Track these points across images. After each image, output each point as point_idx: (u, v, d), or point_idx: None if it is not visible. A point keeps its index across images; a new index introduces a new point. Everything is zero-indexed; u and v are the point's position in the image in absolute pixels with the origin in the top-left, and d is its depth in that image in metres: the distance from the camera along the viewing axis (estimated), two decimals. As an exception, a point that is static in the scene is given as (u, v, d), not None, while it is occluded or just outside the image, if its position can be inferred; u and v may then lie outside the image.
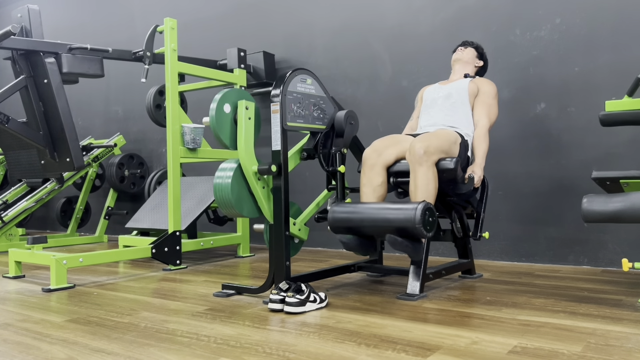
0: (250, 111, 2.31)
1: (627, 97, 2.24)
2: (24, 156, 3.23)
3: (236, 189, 2.24)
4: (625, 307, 2.01)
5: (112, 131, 5.32)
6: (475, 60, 2.79)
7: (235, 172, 2.24)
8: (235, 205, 2.24)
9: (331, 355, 1.52)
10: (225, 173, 2.25)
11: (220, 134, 2.28)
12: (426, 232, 2.09)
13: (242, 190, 2.26)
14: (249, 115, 2.31)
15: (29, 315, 2.08)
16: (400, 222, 2.10)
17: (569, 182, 3.01)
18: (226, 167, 2.27)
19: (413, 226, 2.07)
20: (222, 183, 2.24)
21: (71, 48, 3.12)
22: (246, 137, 2.28)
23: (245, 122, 2.29)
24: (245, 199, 2.28)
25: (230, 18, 4.46)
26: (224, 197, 2.23)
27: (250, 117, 2.32)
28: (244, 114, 2.29)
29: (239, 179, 2.26)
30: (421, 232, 2.07)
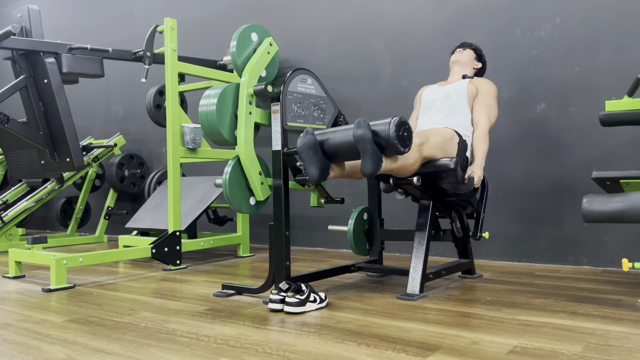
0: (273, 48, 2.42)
1: (627, 97, 2.24)
2: (24, 156, 3.23)
3: (235, 182, 2.24)
4: (625, 307, 2.01)
5: (112, 131, 5.32)
6: (474, 62, 2.79)
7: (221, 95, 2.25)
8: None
9: (331, 355, 1.52)
10: (210, 100, 2.25)
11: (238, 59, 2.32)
12: (402, 147, 1.97)
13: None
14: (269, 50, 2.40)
15: (29, 315, 2.08)
16: (375, 128, 1.99)
17: (569, 182, 3.01)
18: (210, 93, 2.27)
19: (387, 136, 1.95)
20: (207, 110, 2.23)
21: (71, 48, 3.12)
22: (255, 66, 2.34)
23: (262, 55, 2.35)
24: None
25: (230, 18, 4.46)
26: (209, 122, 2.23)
27: (269, 52, 2.40)
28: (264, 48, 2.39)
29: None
30: (394, 144, 1.95)
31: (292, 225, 4.09)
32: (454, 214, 2.59)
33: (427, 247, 2.32)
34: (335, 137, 2.07)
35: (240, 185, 2.27)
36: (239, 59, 2.35)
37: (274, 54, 2.41)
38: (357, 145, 1.97)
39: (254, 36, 2.41)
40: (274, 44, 2.43)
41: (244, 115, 2.23)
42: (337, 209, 3.86)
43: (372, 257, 2.76)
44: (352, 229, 2.65)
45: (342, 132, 2.06)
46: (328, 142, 2.09)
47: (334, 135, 2.08)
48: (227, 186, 2.21)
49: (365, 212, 2.73)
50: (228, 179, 2.22)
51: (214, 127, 2.22)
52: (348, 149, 2.05)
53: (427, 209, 2.42)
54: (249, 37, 2.39)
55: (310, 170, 2.07)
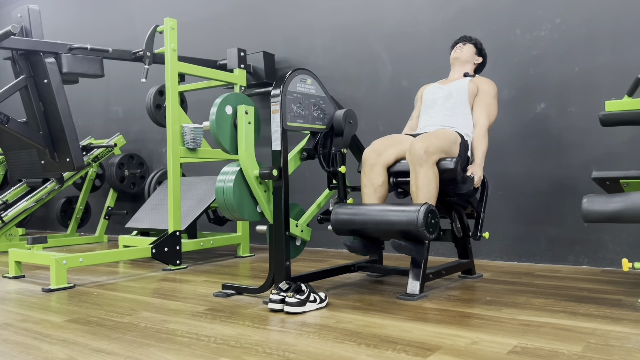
0: (250, 115, 2.31)
1: (627, 97, 2.24)
2: (24, 156, 3.23)
3: (237, 193, 2.24)
4: (625, 307, 2.01)
5: (112, 131, 5.32)
6: (475, 57, 2.78)
7: (237, 176, 2.24)
8: (237, 209, 2.24)
9: (331, 355, 1.52)
10: (227, 177, 2.26)
11: (220, 138, 2.28)
12: (429, 234, 2.09)
13: (243, 194, 2.27)
14: (249, 119, 2.31)
15: (29, 315, 2.08)
16: (403, 225, 2.10)
17: (569, 182, 3.01)
18: (228, 170, 2.28)
19: (416, 229, 2.08)
20: (225, 187, 2.24)
21: (71, 48, 3.12)
22: (247, 141, 2.27)
23: (246, 127, 2.29)
24: (247, 202, 2.28)
25: (230, 18, 4.46)
26: (226, 201, 2.24)
27: (250, 122, 2.32)
28: (244, 119, 2.29)
29: (240, 183, 2.26)
30: (424, 234, 2.08)
31: (292, 225, 4.09)
32: (454, 214, 2.59)
33: (427, 247, 2.32)
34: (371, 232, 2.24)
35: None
36: (226, 144, 2.30)
37: (254, 119, 2.33)
38: None
39: (229, 109, 2.32)
40: (249, 109, 2.31)
41: (261, 194, 2.26)
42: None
43: (372, 257, 2.75)
44: None
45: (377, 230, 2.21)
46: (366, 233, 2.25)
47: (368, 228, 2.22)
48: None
49: None
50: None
51: (230, 206, 2.25)
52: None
53: (427, 209, 2.42)
54: (222, 115, 2.29)
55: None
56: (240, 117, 2.29)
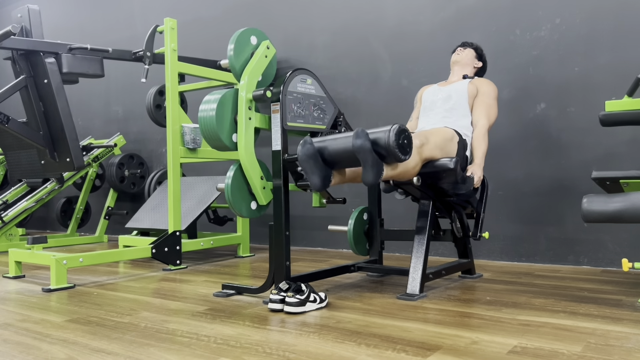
0: (270, 51, 2.40)
1: (627, 97, 2.24)
2: (24, 156, 3.23)
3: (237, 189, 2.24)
4: (625, 307, 2.01)
5: (112, 131, 5.32)
6: (474, 61, 2.79)
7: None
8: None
9: (331, 355, 1.52)
10: (209, 105, 2.23)
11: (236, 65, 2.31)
12: (401, 154, 1.97)
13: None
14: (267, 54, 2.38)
15: (29, 315, 2.08)
16: (374, 136, 1.99)
17: (569, 182, 3.01)
18: (210, 98, 2.26)
19: (387, 144, 1.95)
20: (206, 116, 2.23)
21: (71, 48, 3.12)
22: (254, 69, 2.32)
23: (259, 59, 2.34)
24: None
25: (230, 18, 4.46)
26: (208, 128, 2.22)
27: (267, 56, 2.38)
28: (262, 52, 2.37)
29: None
30: (395, 152, 1.95)
31: (292, 225, 4.09)
32: (454, 214, 2.59)
33: (427, 247, 2.32)
34: (334, 145, 2.07)
35: (242, 190, 2.27)
36: (236, 63, 2.34)
37: (271, 57, 2.40)
38: (357, 155, 1.97)
39: (253, 39, 2.40)
40: (272, 47, 2.42)
41: (243, 121, 2.23)
42: (337, 209, 3.86)
43: (372, 257, 2.76)
44: (352, 229, 2.65)
45: (342, 140, 2.05)
46: (328, 150, 2.08)
47: (333, 143, 2.07)
48: (229, 191, 2.22)
49: (365, 212, 2.73)
50: (230, 184, 2.22)
51: (213, 132, 2.21)
52: (348, 157, 2.04)
53: (427, 209, 2.42)
54: (246, 41, 2.38)
55: (312, 179, 2.07)
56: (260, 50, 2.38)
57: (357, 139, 1.95)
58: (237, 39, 2.36)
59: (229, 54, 2.33)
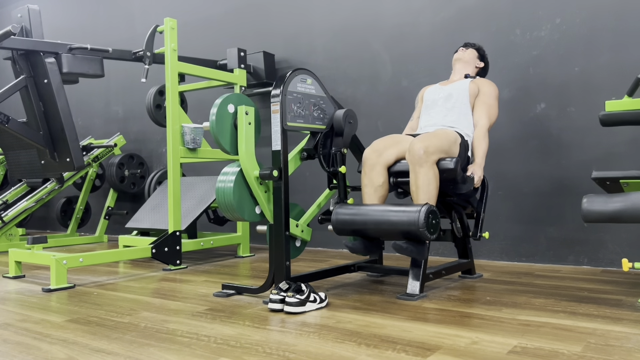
0: (250, 116, 2.31)
1: (627, 97, 2.24)
2: (24, 156, 3.23)
3: (237, 194, 2.24)
4: (625, 307, 2.01)
5: (112, 131, 5.32)
6: (476, 61, 2.79)
7: (237, 176, 2.24)
8: (237, 209, 2.24)
9: (331, 355, 1.52)
10: (227, 177, 2.26)
11: (220, 138, 2.28)
12: (430, 234, 2.10)
13: (243, 195, 2.26)
14: (249, 120, 2.31)
15: (29, 315, 2.08)
16: (404, 226, 2.11)
17: (569, 182, 3.01)
18: (228, 171, 2.28)
19: (417, 230, 2.08)
20: (225, 187, 2.25)
21: (71, 48, 3.12)
22: (247, 142, 2.27)
23: (246, 127, 2.29)
24: (247, 203, 2.27)
25: (230, 18, 4.46)
26: (226, 201, 2.24)
27: (251, 122, 2.32)
28: (244, 119, 2.29)
29: (241, 184, 2.26)
30: (425, 235, 2.09)
31: (292, 225, 4.09)
32: (454, 214, 2.59)
33: (427, 247, 2.32)
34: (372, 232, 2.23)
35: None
36: (225, 144, 2.30)
37: (254, 120, 2.33)
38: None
39: (231, 107, 2.32)
40: (250, 110, 2.31)
41: (261, 194, 2.26)
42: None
43: (372, 257, 2.75)
44: None
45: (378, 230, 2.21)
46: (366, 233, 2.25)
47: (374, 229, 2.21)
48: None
49: None
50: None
51: (230, 206, 2.24)
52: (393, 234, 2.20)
53: (427, 209, 2.42)
54: (222, 115, 2.30)
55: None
56: (241, 118, 2.29)
57: (400, 252, 2.14)
58: (214, 120, 2.27)
59: (212, 134, 2.28)
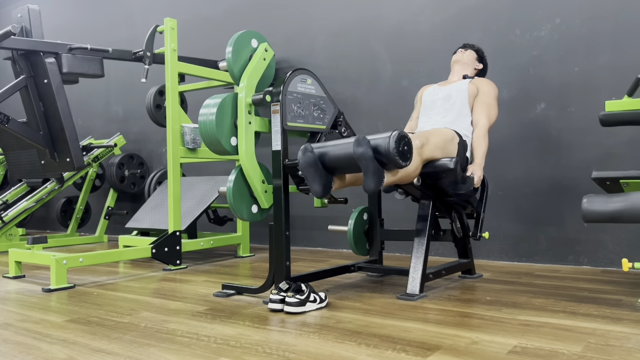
0: (268, 54, 2.38)
1: (627, 97, 2.24)
2: (24, 156, 3.23)
3: (237, 192, 2.23)
4: (625, 307, 2.01)
5: (112, 131, 5.32)
6: (475, 63, 2.79)
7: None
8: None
9: (331, 355, 1.52)
10: (209, 109, 2.23)
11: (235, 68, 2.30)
12: (401, 160, 1.97)
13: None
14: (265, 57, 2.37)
15: (29, 315, 2.08)
16: (375, 142, 1.99)
17: (569, 182, 3.01)
18: (210, 102, 2.24)
19: (387, 150, 1.95)
20: (206, 120, 2.21)
21: (71, 48, 3.12)
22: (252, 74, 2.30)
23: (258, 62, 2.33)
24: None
25: (230, 18, 4.46)
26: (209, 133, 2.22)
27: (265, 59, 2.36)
28: (260, 55, 2.35)
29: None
30: (394, 158, 1.95)
31: (292, 225, 4.09)
32: (454, 214, 2.59)
33: (427, 247, 2.32)
34: (335, 151, 2.07)
35: (243, 193, 2.27)
36: (235, 66, 2.32)
37: (269, 59, 2.38)
38: (358, 162, 1.98)
39: (252, 42, 2.38)
40: (270, 50, 2.40)
41: (244, 125, 2.23)
42: (337, 209, 3.86)
43: (372, 257, 2.76)
44: (352, 229, 2.65)
45: (342, 147, 2.06)
46: (328, 156, 2.09)
47: (333, 149, 2.08)
48: (230, 195, 2.22)
49: (365, 212, 2.73)
50: (232, 188, 2.23)
51: (213, 137, 2.21)
52: (349, 163, 2.05)
53: (427, 209, 2.42)
54: (245, 43, 2.36)
55: (314, 187, 2.08)
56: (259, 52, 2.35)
57: (358, 147, 1.95)
58: (235, 41, 2.34)
59: (227, 56, 2.32)
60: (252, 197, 2.30)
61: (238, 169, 2.27)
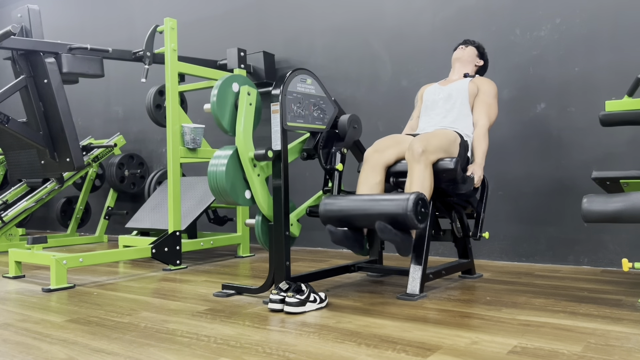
0: (252, 97, 2.31)
1: (627, 97, 2.24)
2: (24, 156, 3.23)
3: (231, 175, 2.23)
4: (625, 307, 2.01)
5: (112, 131, 5.32)
6: (476, 60, 2.79)
7: (231, 157, 2.23)
8: (230, 193, 2.22)
9: (331, 355, 1.52)
10: (219, 161, 2.23)
11: (221, 118, 2.28)
12: (418, 222, 2.03)
13: (237, 177, 2.25)
14: (250, 101, 2.30)
15: (29, 315, 2.08)
16: (392, 210, 2.04)
17: (569, 182, 3.01)
18: (221, 154, 2.25)
19: (404, 214, 2.01)
20: (217, 171, 2.22)
21: (71, 48, 3.12)
22: (245, 122, 2.26)
23: (246, 108, 2.28)
24: (240, 186, 2.26)
25: (230, 18, 4.46)
26: (218, 185, 2.22)
27: (252, 103, 2.31)
28: (245, 100, 2.28)
29: (235, 165, 2.25)
30: (412, 222, 2.02)
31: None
32: (454, 214, 2.59)
33: (427, 247, 2.32)
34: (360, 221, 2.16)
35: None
36: (223, 119, 2.30)
37: (255, 101, 2.34)
38: (387, 240, 2.08)
39: (235, 86, 2.34)
40: (252, 91, 2.34)
41: (254, 177, 2.25)
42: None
43: (372, 257, 2.75)
44: None
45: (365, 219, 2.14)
46: (353, 220, 2.17)
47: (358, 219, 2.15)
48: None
49: None
50: (259, 222, 2.27)
51: (223, 189, 2.22)
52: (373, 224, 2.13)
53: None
54: (227, 89, 2.32)
55: (354, 251, 2.24)
56: (242, 98, 2.29)
57: (383, 234, 2.03)
58: (218, 88, 2.28)
59: (211, 101, 2.29)
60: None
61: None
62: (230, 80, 2.32)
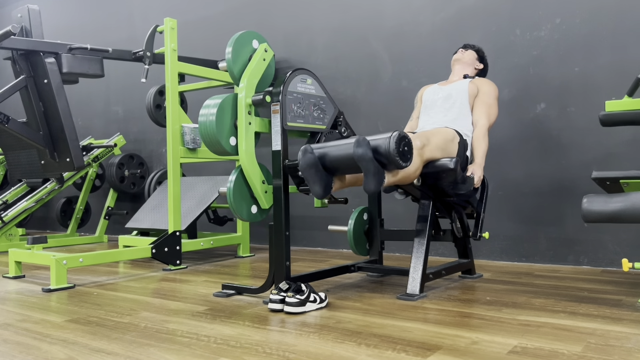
0: (268, 54, 2.37)
1: (627, 97, 2.24)
2: (24, 156, 3.23)
3: (238, 193, 2.23)
4: (625, 307, 2.01)
5: (112, 131, 5.32)
6: (476, 63, 2.79)
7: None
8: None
9: (331, 355, 1.52)
10: (209, 110, 2.22)
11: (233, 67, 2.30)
12: (403, 162, 1.97)
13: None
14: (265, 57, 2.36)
15: (29, 315, 2.08)
16: (376, 142, 2.00)
17: (569, 182, 3.01)
18: (210, 103, 2.24)
19: (387, 149, 1.95)
20: (207, 121, 2.22)
21: (71, 48, 3.12)
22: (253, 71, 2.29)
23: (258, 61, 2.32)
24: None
25: (230, 18, 4.46)
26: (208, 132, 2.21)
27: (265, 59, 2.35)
28: (260, 55, 2.34)
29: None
30: (395, 160, 1.96)
31: (292, 225, 4.09)
32: (454, 214, 2.59)
33: (427, 247, 2.32)
34: (335, 152, 2.08)
35: (244, 193, 2.27)
36: (234, 66, 2.32)
37: (269, 59, 2.38)
38: (358, 163, 1.98)
39: (253, 43, 2.38)
40: (269, 50, 2.39)
41: (244, 126, 2.23)
42: (337, 209, 3.86)
43: (372, 257, 2.76)
44: (352, 229, 2.65)
45: (342, 147, 2.06)
46: (328, 157, 2.09)
47: (333, 150, 2.08)
48: (230, 195, 2.22)
49: (365, 212, 2.73)
50: (232, 188, 2.23)
51: (213, 137, 2.21)
52: (349, 163, 2.05)
53: (427, 209, 2.42)
54: (245, 43, 2.35)
55: (314, 187, 2.09)
56: (259, 52, 2.35)
57: (358, 148, 1.95)
58: (235, 41, 2.33)
59: (226, 56, 2.31)
60: (252, 197, 2.30)
61: (238, 170, 2.27)
62: (251, 35, 2.36)
